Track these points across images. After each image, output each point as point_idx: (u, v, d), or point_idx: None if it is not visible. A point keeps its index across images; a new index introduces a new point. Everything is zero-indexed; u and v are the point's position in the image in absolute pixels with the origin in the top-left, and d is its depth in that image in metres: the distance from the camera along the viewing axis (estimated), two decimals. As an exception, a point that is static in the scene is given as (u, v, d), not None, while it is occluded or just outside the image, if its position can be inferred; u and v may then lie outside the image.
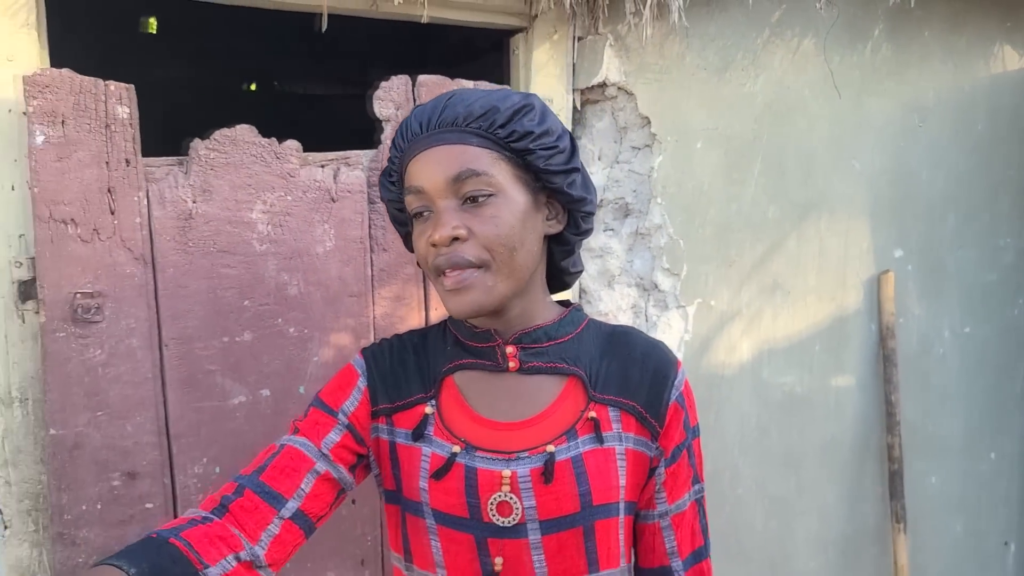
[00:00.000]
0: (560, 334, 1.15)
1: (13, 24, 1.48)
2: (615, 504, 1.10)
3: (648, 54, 1.91)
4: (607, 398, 1.12)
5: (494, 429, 1.11)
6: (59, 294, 1.43)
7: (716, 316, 2.00)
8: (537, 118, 1.08)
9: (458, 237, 1.03)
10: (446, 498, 1.08)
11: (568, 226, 1.16)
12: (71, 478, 1.45)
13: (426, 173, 1.05)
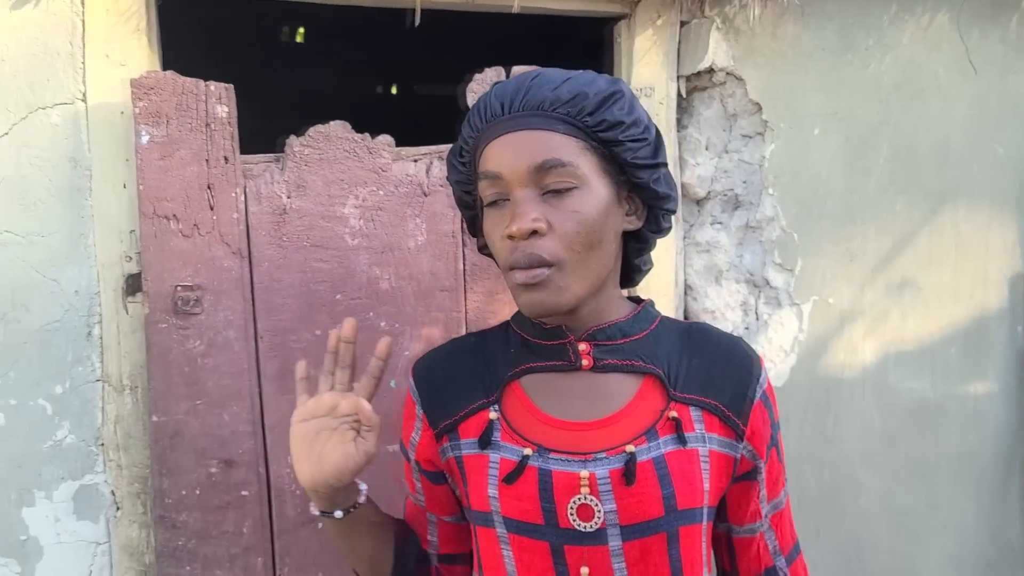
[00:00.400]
0: (635, 331, 1.10)
1: (125, 30, 1.56)
2: (699, 509, 1.04)
3: (759, 36, 1.81)
4: (688, 397, 1.07)
5: (567, 430, 1.06)
6: (162, 287, 1.50)
7: (835, 315, 1.87)
8: (627, 107, 1.03)
9: (537, 231, 0.99)
10: (519, 504, 1.04)
11: (647, 223, 1.10)
12: (172, 464, 1.52)
13: (506, 159, 1.01)
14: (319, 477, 1.06)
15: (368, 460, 1.08)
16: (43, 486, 1.57)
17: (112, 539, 1.61)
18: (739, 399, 1.07)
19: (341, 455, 1.06)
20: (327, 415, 1.09)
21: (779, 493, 1.14)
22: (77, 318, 1.57)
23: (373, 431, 1.09)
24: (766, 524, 1.13)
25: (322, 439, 1.07)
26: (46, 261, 1.55)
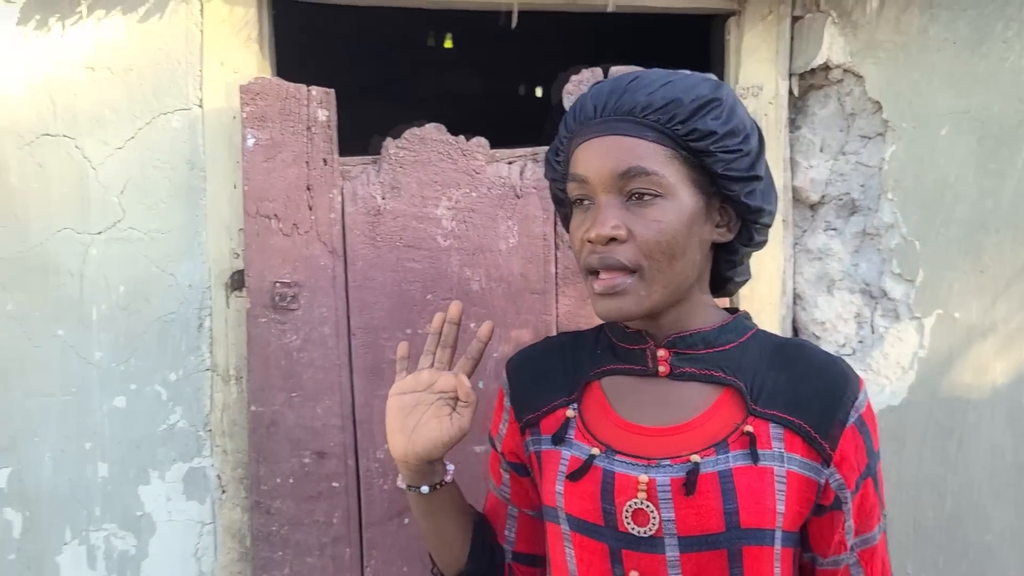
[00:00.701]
0: (720, 341, 1.06)
1: (238, 39, 1.66)
2: (769, 531, 0.99)
3: (880, 30, 1.69)
4: (770, 413, 1.01)
5: (637, 434, 1.05)
6: (262, 283, 1.58)
7: (962, 330, 1.72)
8: (724, 115, 1.00)
9: (616, 238, 0.98)
10: (581, 502, 1.04)
11: (739, 236, 1.07)
12: (268, 452, 1.60)
13: (593, 163, 1.01)
14: (411, 449, 1.11)
15: (461, 435, 1.12)
16: (157, 466, 1.69)
17: (217, 520, 1.71)
18: (828, 421, 1.00)
19: (436, 428, 1.11)
20: (425, 390, 1.13)
21: (872, 528, 1.06)
22: (190, 311, 1.67)
23: (469, 407, 1.12)
24: (853, 558, 1.05)
25: (417, 413, 1.12)
26: (164, 257, 1.67)
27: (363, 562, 1.63)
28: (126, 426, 1.68)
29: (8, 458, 1.67)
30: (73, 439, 1.67)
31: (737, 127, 1.00)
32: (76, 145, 1.65)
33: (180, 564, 1.71)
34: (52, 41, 1.63)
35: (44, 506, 1.68)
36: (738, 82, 1.75)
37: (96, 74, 1.64)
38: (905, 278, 1.72)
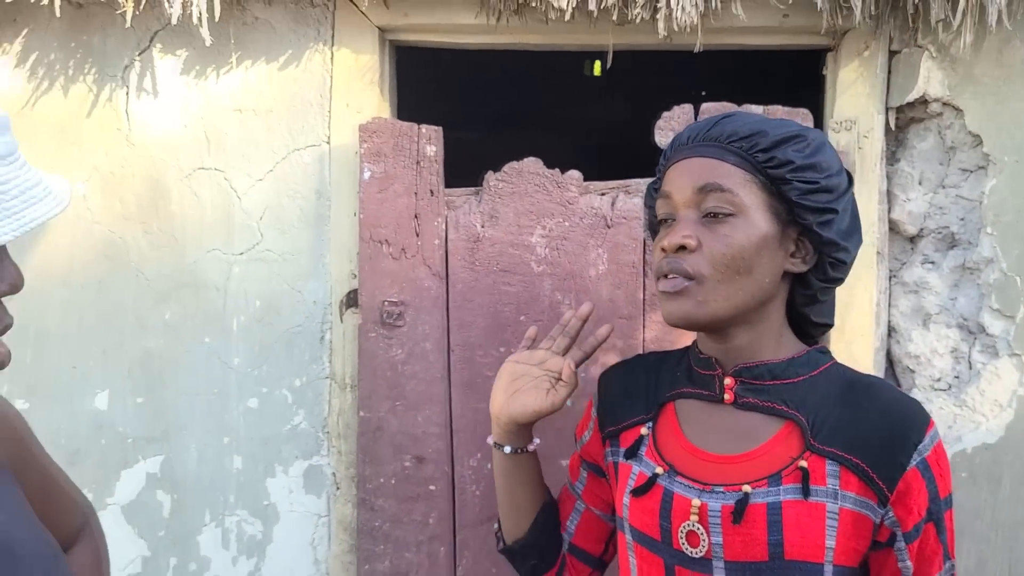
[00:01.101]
0: (788, 375, 1.11)
1: (362, 83, 1.86)
2: (817, 565, 1.03)
3: (979, 63, 1.68)
4: (828, 450, 1.05)
5: (698, 458, 1.12)
6: (373, 301, 1.76)
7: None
8: (808, 150, 1.07)
9: (685, 246, 1.07)
10: (642, 517, 1.13)
11: (814, 269, 1.11)
12: (373, 455, 1.77)
13: (677, 181, 1.11)
14: (506, 409, 1.25)
15: (552, 409, 1.24)
16: (282, 462, 1.91)
17: (331, 513, 1.90)
18: (888, 462, 1.03)
19: (532, 397, 1.24)
20: (536, 365, 1.27)
21: (932, 574, 1.06)
22: (314, 324, 1.88)
23: (567, 387, 1.25)
24: None
25: (522, 381, 1.26)
26: (294, 276, 1.89)
27: (456, 560, 1.77)
28: (257, 425, 1.91)
29: (161, 447, 1.93)
30: (214, 433, 1.92)
31: (820, 163, 1.06)
32: (225, 177, 1.90)
33: (299, 551, 1.92)
34: (208, 87, 1.89)
35: (189, 491, 1.93)
36: (833, 116, 1.78)
37: (243, 115, 1.89)
38: (1005, 314, 1.69)
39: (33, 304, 1.94)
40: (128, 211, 1.92)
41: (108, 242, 1.93)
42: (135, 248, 1.92)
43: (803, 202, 1.05)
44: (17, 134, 1.93)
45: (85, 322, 1.94)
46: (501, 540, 1.35)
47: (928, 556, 1.05)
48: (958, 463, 1.72)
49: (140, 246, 1.92)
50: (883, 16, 1.66)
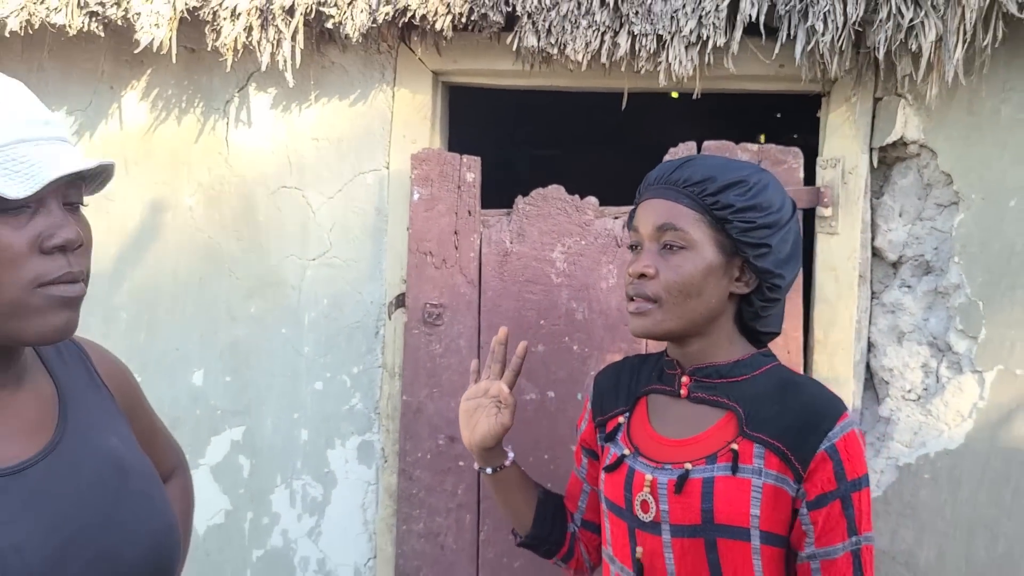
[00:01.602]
0: (733, 374, 1.34)
1: (417, 118, 2.20)
2: (743, 529, 1.26)
3: (952, 110, 1.90)
4: (756, 436, 1.27)
5: (657, 441, 1.37)
6: (417, 303, 2.10)
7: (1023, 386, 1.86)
8: (749, 194, 1.28)
9: (645, 274, 1.32)
10: (612, 489, 1.40)
11: (755, 291, 1.33)
12: (413, 432, 2.10)
13: (642, 218, 1.36)
14: (472, 441, 1.51)
15: (503, 429, 1.48)
16: (340, 436, 2.26)
17: (379, 482, 2.25)
18: (803, 447, 1.25)
19: (486, 424, 1.49)
20: (482, 396, 1.53)
21: (835, 543, 1.25)
22: (370, 321, 2.24)
23: (508, 408, 1.50)
24: (815, 564, 1.27)
25: (477, 414, 1.51)
26: (355, 279, 2.24)
27: (479, 526, 2.09)
28: (321, 404, 2.27)
29: (244, 419, 2.32)
30: (286, 409, 2.29)
31: (759, 204, 1.29)
32: (303, 195, 2.28)
33: (352, 512, 2.27)
34: (291, 119, 2.27)
35: (264, 457, 2.31)
36: (823, 154, 2.02)
37: (319, 143, 2.26)
38: (968, 334, 1.89)
39: (148, 296, 2.36)
40: (225, 221, 2.32)
41: (208, 246, 2.33)
42: (229, 252, 2.32)
43: (742, 239, 1.28)
44: (138, 155, 2.36)
45: (187, 312, 2.34)
46: (517, 536, 1.60)
47: (832, 527, 1.24)
48: (922, 466, 1.93)
49: (233, 250, 2.31)
50: (863, 70, 1.89)
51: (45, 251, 0.91)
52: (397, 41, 2.17)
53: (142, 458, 1.08)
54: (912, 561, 1.94)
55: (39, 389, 1.00)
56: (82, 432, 1.00)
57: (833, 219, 1.98)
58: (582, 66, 1.95)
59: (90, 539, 0.94)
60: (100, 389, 1.09)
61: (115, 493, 0.99)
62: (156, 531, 1.01)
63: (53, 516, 0.92)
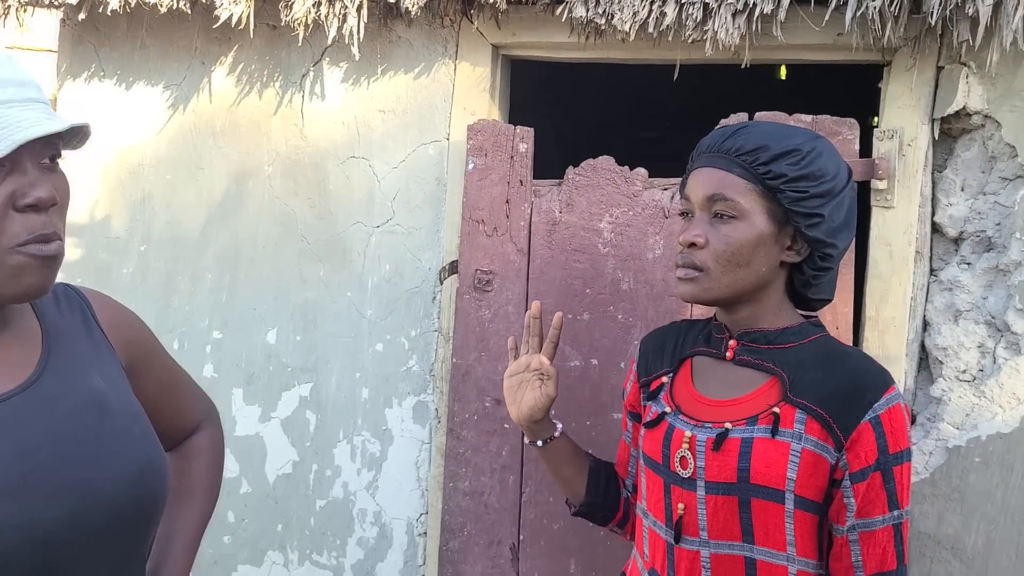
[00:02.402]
0: (780, 341, 1.35)
1: (476, 90, 2.27)
2: (778, 491, 1.27)
3: (1019, 79, 1.81)
4: (799, 401, 1.29)
5: (698, 401, 1.40)
6: (468, 270, 2.17)
7: (1085, 370, 1.76)
8: (803, 163, 1.28)
9: (695, 243, 1.35)
10: (651, 445, 1.43)
11: (807, 260, 1.34)
12: (461, 394, 2.18)
13: (694, 187, 1.38)
14: (519, 415, 1.57)
15: (549, 400, 1.54)
16: (398, 396, 2.37)
17: (432, 441, 2.34)
18: (846, 415, 1.27)
19: (531, 398, 1.55)
20: (524, 371, 1.58)
21: (874, 515, 1.26)
22: (428, 287, 2.32)
23: (551, 379, 1.56)
24: (854, 535, 1.28)
25: (522, 389, 1.57)
26: (416, 246, 2.34)
27: (522, 487, 2.15)
28: (381, 365, 2.38)
29: (312, 376, 2.45)
30: (349, 369, 2.41)
31: (811, 173, 1.29)
32: (369, 164, 2.38)
33: (407, 469, 2.37)
34: (360, 92, 2.38)
35: (329, 412, 2.44)
36: (881, 125, 1.96)
37: (384, 115, 2.36)
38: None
39: (230, 258, 2.53)
40: (299, 189, 2.45)
41: (283, 212, 2.47)
42: (302, 218, 2.45)
43: (794, 208, 1.29)
44: (225, 126, 2.53)
45: (264, 274, 2.50)
46: (572, 506, 1.65)
47: (872, 499, 1.26)
48: (973, 449, 1.86)
49: (305, 217, 2.45)
50: (922, 37, 1.83)
51: (18, 209, 0.94)
52: (459, 15, 2.24)
53: (128, 401, 1.13)
54: (958, 546, 1.88)
55: (25, 332, 1.07)
56: (64, 371, 1.06)
57: (889, 192, 1.92)
58: (630, 36, 1.96)
59: (57, 470, 0.98)
60: (95, 335, 1.16)
61: (93, 429, 1.04)
62: (134, 468, 1.06)
63: (22, 446, 0.97)
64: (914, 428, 1.95)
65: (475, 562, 2.18)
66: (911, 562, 1.93)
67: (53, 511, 0.96)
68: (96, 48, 2.67)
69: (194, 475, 1.37)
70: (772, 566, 1.29)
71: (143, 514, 1.07)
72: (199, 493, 1.37)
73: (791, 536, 1.28)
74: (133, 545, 1.09)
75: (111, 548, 1.04)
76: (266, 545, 2.51)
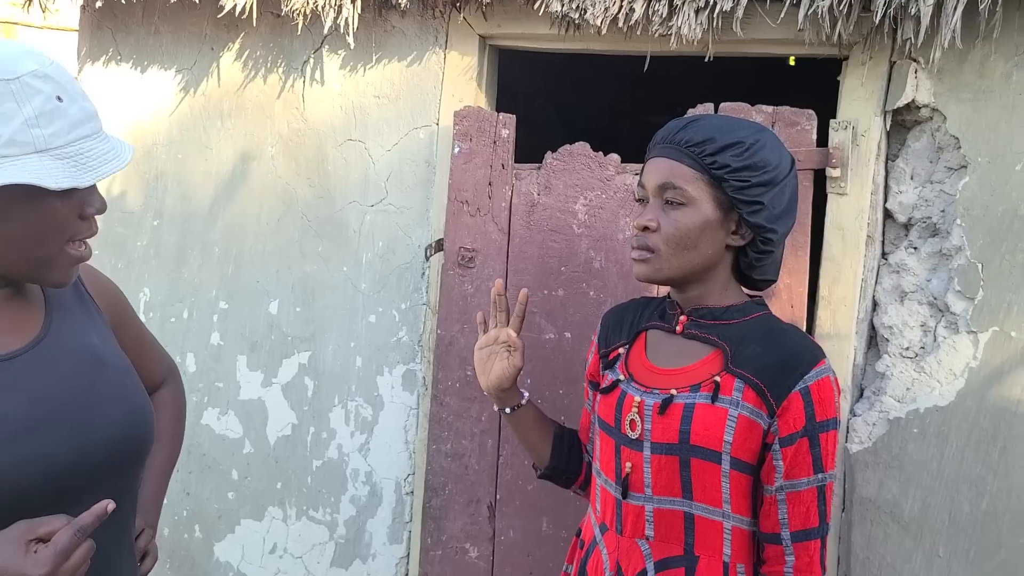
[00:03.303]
0: (725, 317, 1.49)
1: (464, 78, 2.42)
2: (715, 452, 1.41)
3: (964, 74, 1.92)
4: (738, 371, 1.42)
5: (649, 370, 1.55)
6: (452, 247, 2.33)
7: (1017, 348, 1.88)
8: (745, 155, 1.40)
9: (648, 227, 1.49)
10: (605, 409, 1.58)
11: (750, 244, 1.47)
12: (444, 363, 2.35)
13: (648, 175, 1.52)
14: (488, 384, 1.72)
15: (516, 371, 1.69)
16: (388, 365, 2.54)
17: (420, 407, 2.51)
18: (778, 385, 1.40)
19: (499, 368, 1.70)
20: (492, 344, 1.74)
21: (800, 477, 1.39)
22: (417, 263, 2.49)
23: (518, 351, 1.70)
24: (781, 495, 1.42)
25: (491, 360, 1.72)
26: (406, 225, 2.50)
27: (499, 450, 2.31)
28: (374, 335, 2.55)
29: (310, 345, 2.63)
30: (344, 339, 2.59)
31: (755, 164, 1.42)
32: (365, 147, 2.54)
33: (395, 433, 2.55)
34: (357, 78, 2.54)
35: (325, 379, 2.62)
36: (838, 116, 2.08)
37: (379, 100, 2.52)
38: (966, 296, 1.93)
39: (236, 233, 2.71)
40: (299, 169, 2.62)
41: (285, 191, 2.64)
42: (302, 197, 2.62)
43: (737, 196, 1.42)
44: (231, 109, 2.69)
45: (267, 249, 2.67)
46: (537, 469, 1.78)
47: (799, 462, 1.39)
48: (912, 420, 2.00)
49: (305, 196, 2.62)
50: (874, 34, 1.95)
51: (84, 217, 1.17)
52: (448, 7, 2.39)
53: (120, 356, 1.33)
54: (896, 511, 2.02)
55: (30, 299, 1.26)
56: (65, 332, 1.26)
57: (842, 180, 2.05)
58: (602, 30, 2.10)
59: (67, 413, 1.18)
60: (86, 300, 1.35)
61: (92, 379, 1.23)
62: (128, 412, 1.26)
63: (36, 393, 1.16)
64: (860, 401, 2.09)
65: (455, 519, 2.36)
66: (853, 525, 2.08)
67: (63, 448, 1.15)
68: (113, 33, 2.85)
69: (160, 424, 1.53)
70: (709, 521, 1.44)
71: (134, 452, 1.27)
72: (165, 440, 1.56)
73: (727, 494, 1.42)
74: (127, 478, 1.28)
75: (110, 479, 1.23)
76: (266, 501, 2.71)
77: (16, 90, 1.06)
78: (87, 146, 1.13)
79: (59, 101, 1.10)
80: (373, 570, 2.60)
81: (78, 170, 1.10)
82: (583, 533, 1.66)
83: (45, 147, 1.08)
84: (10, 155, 1.06)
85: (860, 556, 2.08)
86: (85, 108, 1.15)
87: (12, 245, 1.14)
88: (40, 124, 1.08)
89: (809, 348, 1.43)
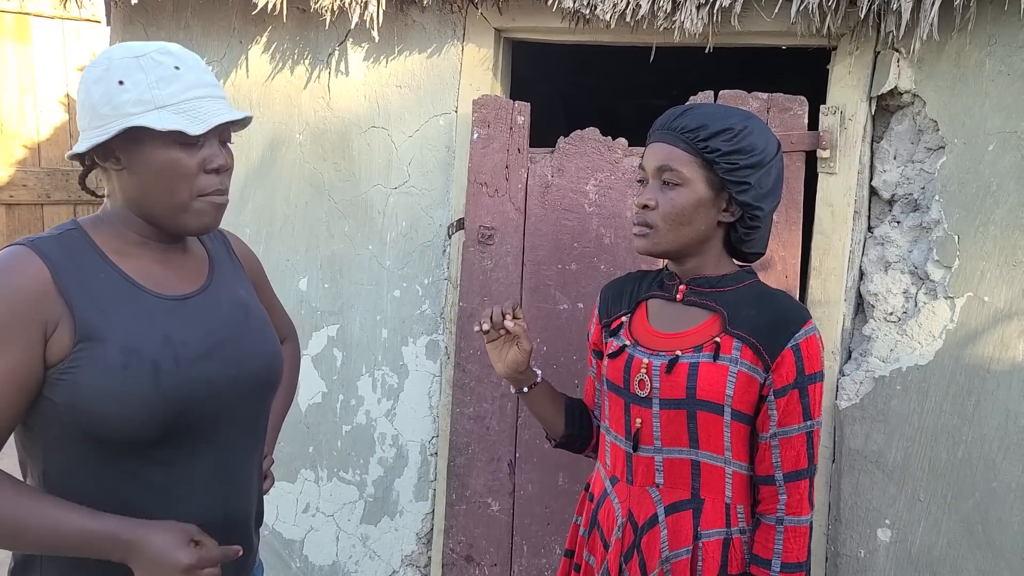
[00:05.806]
0: (720, 285, 1.65)
1: (480, 69, 2.59)
2: (718, 404, 1.58)
3: (941, 63, 2.11)
4: (736, 332, 1.59)
5: (653, 335, 1.72)
6: (473, 226, 2.51)
7: (989, 312, 2.08)
8: (734, 140, 1.55)
9: (647, 205, 1.67)
10: (613, 372, 1.75)
11: (740, 220, 1.62)
12: (466, 332, 2.54)
13: (647, 158, 1.69)
14: (503, 369, 1.85)
15: (527, 355, 1.82)
16: (412, 336, 2.73)
17: (443, 374, 2.70)
18: (772, 343, 1.58)
19: (513, 355, 1.84)
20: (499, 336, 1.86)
21: (791, 425, 1.56)
22: (439, 240, 2.67)
23: (524, 338, 1.83)
24: (775, 441, 1.61)
25: (504, 348, 1.85)
26: (428, 205, 2.68)
27: (518, 412, 2.51)
28: (399, 308, 2.74)
29: (338, 318, 2.82)
30: (371, 312, 2.77)
31: (743, 148, 1.58)
32: (388, 133, 2.72)
33: (420, 399, 2.74)
34: (379, 69, 2.71)
35: (353, 350, 2.81)
36: (827, 102, 2.27)
37: (401, 89, 2.69)
38: (944, 264, 2.13)
39: (265, 215, 2.88)
40: (326, 154, 2.80)
41: (313, 175, 2.82)
42: (328, 180, 2.80)
43: (727, 177, 1.58)
44: (260, 99, 2.86)
45: (296, 229, 2.85)
46: (552, 439, 1.93)
47: (790, 411, 1.56)
48: (895, 378, 2.20)
49: (332, 179, 2.79)
50: (860, 27, 2.13)
51: (207, 171, 1.36)
52: (466, 2, 2.56)
53: (261, 308, 1.57)
54: (881, 460, 2.23)
55: (199, 255, 1.51)
56: (222, 283, 1.50)
57: (831, 160, 2.24)
58: (610, 24, 2.28)
59: (227, 346, 1.42)
60: (235, 261, 1.59)
61: (243, 322, 1.48)
62: (267, 353, 1.50)
63: (206, 326, 1.41)
64: (848, 362, 2.29)
65: (478, 476, 2.56)
66: (842, 474, 2.29)
67: (224, 374, 1.40)
68: (145, 28, 3.01)
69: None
70: (713, 467, 1.62)
71: (269, 384, 1.52)
72: (284, 385, 1.79)
73: (728, 442, 1.61)
74: (262, 406, 1.54)
75: (250, 405, 1.48)
76: (299, 464, 2.90)
77: (144, 64, 1.30)
78: (201, 104, 1.32)
79: (176, 70, 1.32)
80: (400, 525, 2.80)
81: (189, 120, 1.30)
82: (592, 487, 1.83)
83: (163, 104, 1.29)
84: (136, 112, 1.28)
85: (849, 502, 2.29)
86: (202, 78, 1.34)
87: (151, 191, 1.34)
88: (159, 86, 1.30)
89: (797, 309, 1.60)
